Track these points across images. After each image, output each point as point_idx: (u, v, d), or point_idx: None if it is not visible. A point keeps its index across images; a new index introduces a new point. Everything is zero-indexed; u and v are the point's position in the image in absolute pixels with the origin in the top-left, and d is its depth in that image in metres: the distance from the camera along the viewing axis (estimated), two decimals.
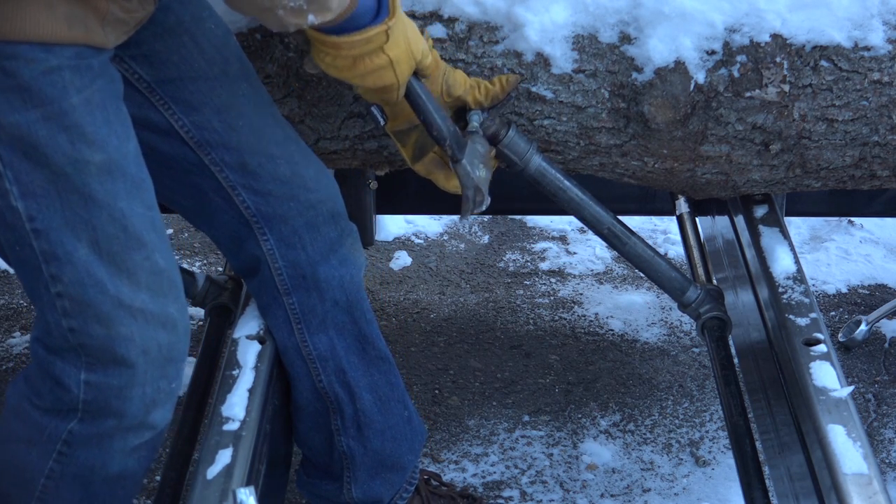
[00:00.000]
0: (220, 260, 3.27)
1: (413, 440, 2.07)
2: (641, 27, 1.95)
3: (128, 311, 1.54)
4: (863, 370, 2.85)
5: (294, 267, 1.86)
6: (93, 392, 1.57)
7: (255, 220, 1.82)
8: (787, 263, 2.04)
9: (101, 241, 1.50)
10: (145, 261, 1.55)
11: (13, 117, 1.43)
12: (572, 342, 2.95)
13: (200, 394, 1.96)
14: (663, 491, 2.46)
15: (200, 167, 1.77)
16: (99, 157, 1.48)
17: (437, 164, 1.89)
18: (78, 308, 1.52)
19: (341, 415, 1.98)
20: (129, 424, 1.61)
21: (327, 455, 2.03)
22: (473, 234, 3.49)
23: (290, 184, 1.81)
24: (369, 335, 1.97)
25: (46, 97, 1.44)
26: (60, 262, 1.50)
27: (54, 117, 1.45)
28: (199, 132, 1.74)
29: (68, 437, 1.60)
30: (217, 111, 1.74)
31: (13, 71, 1.42)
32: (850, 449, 1.63)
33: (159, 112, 1.72)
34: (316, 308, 1.89)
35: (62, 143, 1.45)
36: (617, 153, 2.02)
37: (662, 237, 3.46)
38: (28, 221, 1.48)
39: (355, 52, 1.61)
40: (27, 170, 1.45)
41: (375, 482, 2.04)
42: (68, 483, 1.63)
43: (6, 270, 3.25)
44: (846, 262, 3.33)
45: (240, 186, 1.79)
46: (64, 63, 1.44)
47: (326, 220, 1.85)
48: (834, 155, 2.02)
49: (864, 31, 1.96)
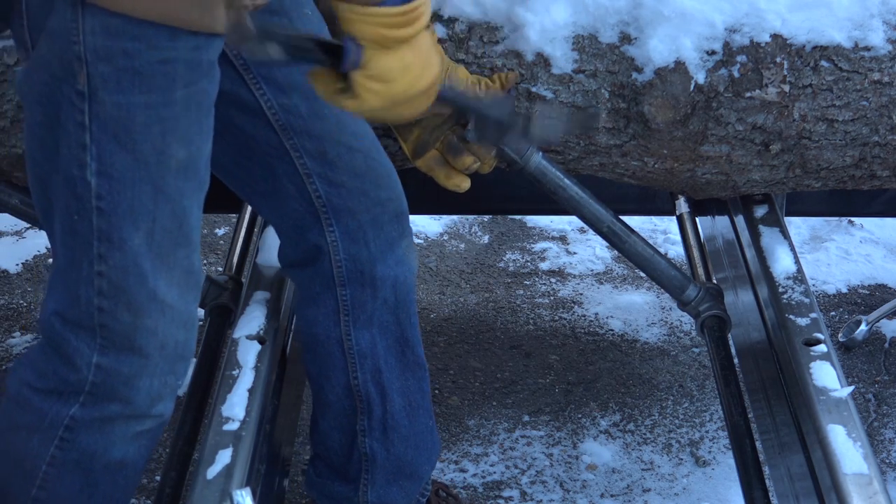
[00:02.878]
0: (220, 260, 3.27)
1: (432, 451, 2.06)
2: (641, 27, 1.95)
3: (159, 305, 1.56)
4: (863, 370, 2.85)
5: (354, 261, 1.86)
6: (102, 375, 1.57)
7: (323, 211, 1.83)
8: (787, 263, 2.04)
9: (157, 233, 1.52)
10: (185, 259, 1.57)
11: (117, 97, 1.45)
12: (572, 342, 2.95)
13: (200, 394, 1.96)
14: (663, 491, 2.46)
15: (281, 151, 1.78)
16: (182, 153, 1.51)
17: (437, 161, 1.89)
18: (114, 291, 1.53)
19: (369, 415, 1.97)
20: (134, 413, 1.62)
21: (345, 456, 2.02)
22: (473, 234, 3.49)
23: (363, 178, 1.81)
24: (411, 339, 1.97)
25: (155, 85, 1.46)
26: (112, 244, 1.51)
27: (156, 107, 1.46)
28: (285, 116, 1.75)
29: (70, 423, 1.60)
30: (306, 97, 1.74)
31: (134, 53, 1.43)
32: (850, 449, 1.63)
33: (250, 91, 1.73)
34: (367, 304, 1.90)
35: (154, 134, 1.47)
36: (617, 153, 2.02)
37: (662, 237, 3.46)
38: (96, 198, 1.49)
39: (426, 19, 1.52)
40: (112, 150, 1.47)
41: (392, 488, 2.03)
42: (70, 470, 1.63)
43: (6, 270, 3.25)
44: (846, 262, 3.33)
45: (315, 175, 1.80)
46: (181, 56, 1.46)
47: (391, 218, 1.86)
48: (834, 155, 2.02)
49: (864, 32, 1.96)
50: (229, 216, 3.35)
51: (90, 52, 1.43)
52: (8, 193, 2.11)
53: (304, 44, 1.52)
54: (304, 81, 1.69)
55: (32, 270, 3.25)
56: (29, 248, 3.36)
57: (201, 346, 2.08)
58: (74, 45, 1.43)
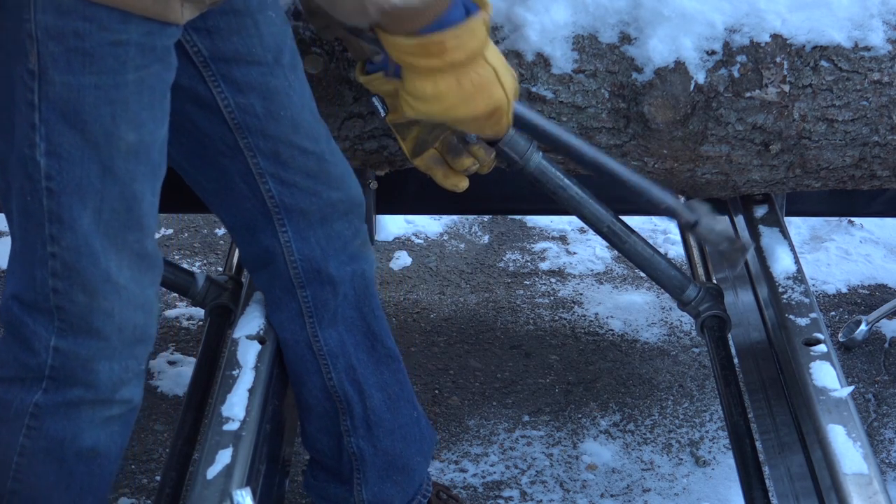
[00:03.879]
0: (219, 260, 3.27)
1: (422, 442, 2.06)
2: (641, 27, 1.95)
3: (114, 286, 1.56)
4: (863, 370, 2.85)
5: (309, 261, 1.87)
6: (60, 358, 1.58)
7: (276, 211, 1.84)
8: (787, 263, 2.04)
9: (105, 213, 1.52)
10: (136, 243, 1.57)
11: (67, 77, 1.45)
12: (572, 342, 2.95)
13: (200, 394, 1.96)
14: (663, 491, 2.46)
15: (234, 150, 1.78)
16: (133, 136, 1.51)
17: (436, 160, 1.89)
18: (67, 272, 1.53)
19: (350, 415, 1.97)
20: (97, 397, 1.61)
21: (336, 458, 2.02)
22: (473, 234, 3.49)
23: (315, 178, 1.82)
24: (378, 332, 1.97)
25: (106, 67, 1.46)
26: (63, 225, 1.51)
27: (105, 88, 1.47)
28: (241, 115, 1.76)
29: (34, 410, 1.60)
30: (263, 97, 1.75)
31: (85, 34, 1.43)
32: (850, 449, 1.63)
33: (208, 88, 1.73)
34: (329, 302, 1.90)
35: (104, 115, 1.48)
36: (617, 153, 2.02)
37: (662, 237, 3.46)
38: (45, 179, 1.49)
39: (460, 55, 1.57)
40: (61, 130, 1.47)
41: (386, 484, 2.03)
42: (41, 459, 1.63)
43: (6, 270, 3.25)
44: (846, 262, 3.33)
45: (268, 175, 1.80)
46: (133, 39, 1.46)
47: (341, 216, 1.87)
48: (834, 155, 2.02)
49: (864, 32, 1.96)
50: None
51: (41, 30, 1.43)
52: None
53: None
54: (261, 82, 1.72)
55: None
56: None
57: (201, 346, 2.08)
58: (26, 23, 1.43)
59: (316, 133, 1.82)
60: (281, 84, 1.75)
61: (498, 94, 1.64)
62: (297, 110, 1.78)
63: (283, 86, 1.76)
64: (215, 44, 1.70)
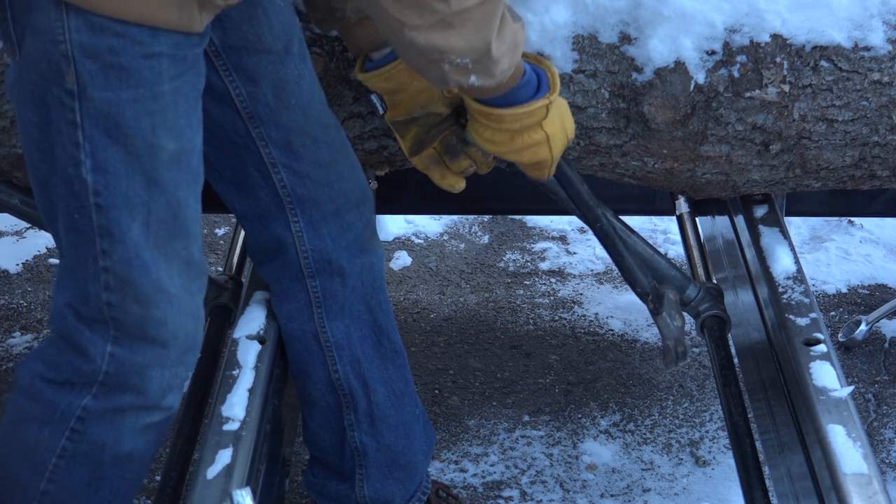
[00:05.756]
0: (220, 260, 3.27)
1: (424, 440, 2.06)
2: (641, 27, 1.95)
3: (165, 295, 1.57)
4: (863, 370, 2.85)
5: (320, 251, 1.88)
6: (115, 364, 1.59)
7: (288, 201, 1.85)
8: (787, 263, 2.04)
9: (152, 224, 1.54)
10: (184, 251, 1.59)
11: (106, 94, 1.47)
12: (572, 342, 2.95)
13: (200, 394, 1.96)
14: (663, 491, 2.46)
15: (247, 139, 1.80)
16: (173, 145, 1.52)
17: (434, 160, 1.89)
18: (120, 285, 1.55)
19: (355, 409, 1.97)
20: (145, 403, 1.63)
21: (338, 454, 2.02)
22: (473, 234, 3.49)
23: (327, 169, 1.84)
24: (385, 326, 1.97)
25: (142, 80, 1.48)
26: (114, 239, 1.53)
27: (144, 101, 1.48)
28: (252, 104, 1.77)
29: (82, 413, 1.61)
30: (274, 86, 1.77)
31: (118, 49, 1.45)
32: (850, 449, 1.63)
33: (220, 77, 1.75)
34: (337, 293, 1.91)
35: (144, 127, 1.49)
36: (617, 153, 2.02)
37: (662, 237, 3.46)
38: (93, 195, 1.51)
39: (516, 125, 1.70)
40: (104, 146, 1.49)
41: (388, 481, 2.03)
42: (79, 462, 1.64)
43: (6, 270, 3.25)
44: (846, 262, 3.33)
45: (280, 165, 1.82)
46: (165, 51, 1.48)
47: (352, 208, 1.88)
48: (834, 155, 2.02)
49: (864, 32, 1.96)
50: (229, 216, 3.34)
51: (77, 49, 1.45)
52: (8, 193, 2.11)
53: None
54: (272, 72, 1.74)
55: (32, 270, 3.25)
56: (29, 248, 3.36)
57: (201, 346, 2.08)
58: (61, 44, 1.45)
59: (326, 122, 1.83)
60: (291, 73, 1.77)
61: (543, 154, 1.76)
62: (307, 99, 1.79)
63: (294, 75, 1.77)
64: (226, 33, 1.72)
